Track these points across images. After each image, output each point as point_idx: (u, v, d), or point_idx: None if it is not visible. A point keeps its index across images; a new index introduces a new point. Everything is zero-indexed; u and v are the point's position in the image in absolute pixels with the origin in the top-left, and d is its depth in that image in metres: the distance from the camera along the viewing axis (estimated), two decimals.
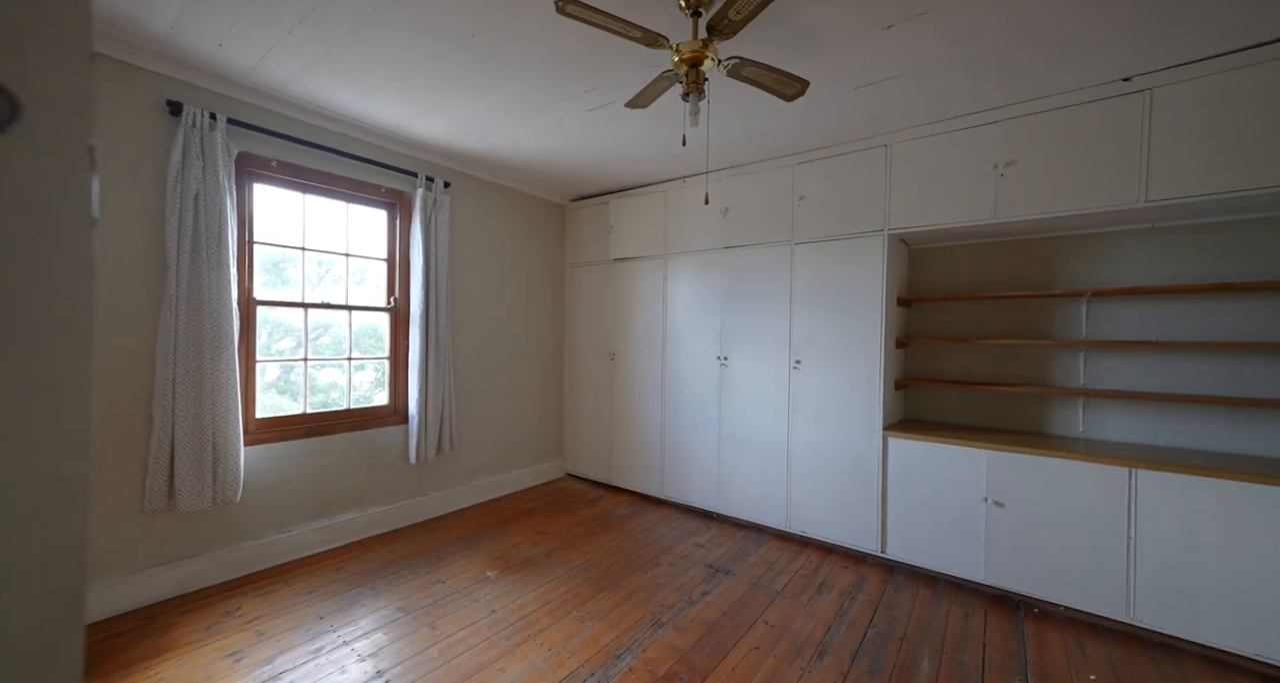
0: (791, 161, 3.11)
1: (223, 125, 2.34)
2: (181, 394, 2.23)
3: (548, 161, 3.36)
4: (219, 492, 2.34)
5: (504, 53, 2.03)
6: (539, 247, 4.14)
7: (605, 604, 2.32)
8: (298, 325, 2.80)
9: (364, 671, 1.82)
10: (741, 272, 3.33)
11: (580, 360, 4.30)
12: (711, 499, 3.46)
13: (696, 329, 3.56)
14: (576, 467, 4.32)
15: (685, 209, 3.59)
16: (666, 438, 3.71)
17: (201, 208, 2.27)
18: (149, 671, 1.78)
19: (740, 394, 3.33)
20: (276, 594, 2.32)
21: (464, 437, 3.54)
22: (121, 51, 2.07)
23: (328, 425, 2.85)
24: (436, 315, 3.23)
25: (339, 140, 2.82)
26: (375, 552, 2.79)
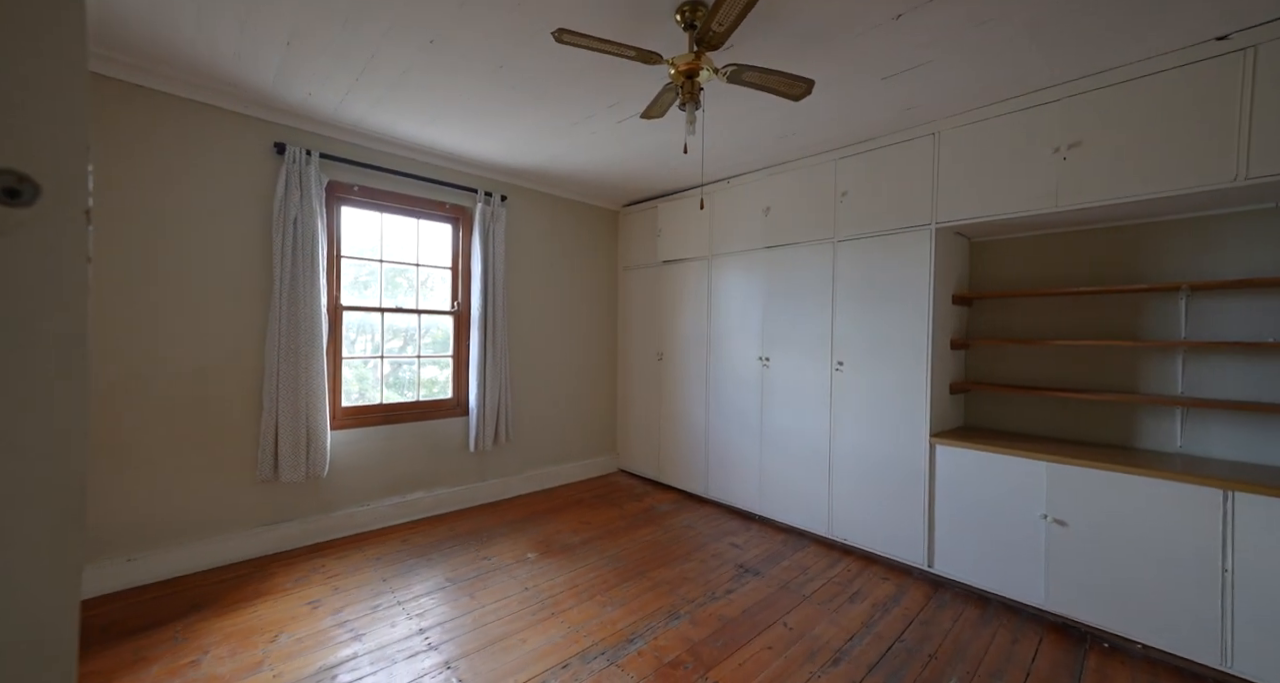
0: (833, 157, 3.02)
1: (316, 159, 2.78)
2: (283, 384, 2.69)
3: (592, 171, 3.55)
4: (310, 467, 2.78)
5: (529, 78, 2.23)
6: (592, 251, 4.36)
7: (629, 592, 2.43)
8: (376, 326, 3.22)
9: (409, 627, 2.09)
10: (783, 271, 3.28)
11: (632, 360, 4.45)
12: (753, 501, 3.44)
13: (739, 330, 3.56)
14: (628, 463, 4.47)
15: (730, 210, 3.61)
16: (710, 438, 3.74)
17: (299, 230, 2.72)
18: (251, 609, 2.19)
19: (781, 395, 3.29)
20: (351, 558, 2.71)
21: (519, 429, 3.83)
22: (238, 105, 2.55)
23: (400, 415, 3.25)
24: (493, 318, 3.55)
25: (408, 164, 3.21)
26: (437, 529, 3.14)
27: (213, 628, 2.05)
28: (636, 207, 4.38)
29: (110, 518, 2.30)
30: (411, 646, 1.97)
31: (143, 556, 2.38)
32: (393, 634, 2.05)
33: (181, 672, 1.79)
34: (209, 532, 2.55)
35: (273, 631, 2.04)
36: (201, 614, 2.14)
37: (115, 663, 1.83)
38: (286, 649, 1.93)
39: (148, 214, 2.37)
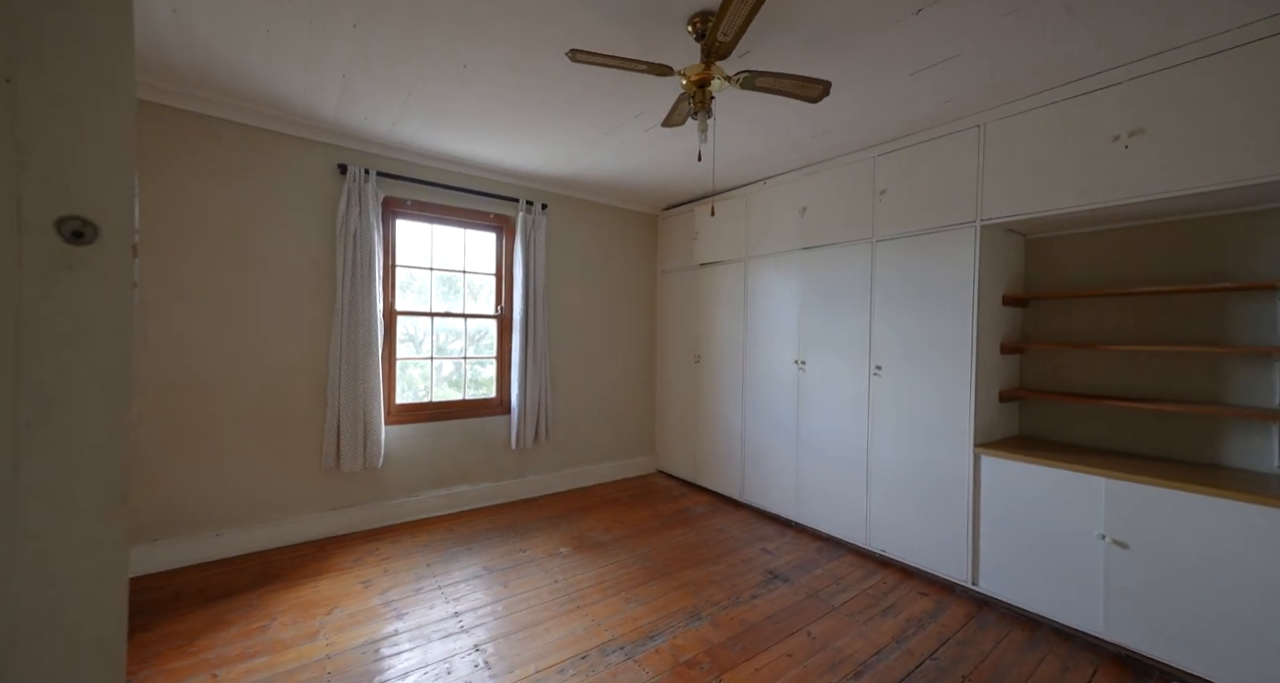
0: (870, 154, 2.92)
1: (373, 177, 3.05)
2: (344, 383, 2.96)
3: (628, 177, 3.63)
4: (367, 459, 3.05)
5: (557, 95, 2.34)
6: (631, 255, 4.44)
7: (654, 591, 2.48)
8: (427, 329, 3.47)
9: (446, 610, 2.25)
10: (819, 272, 3.21)
11: (670, 363, 4.48)
12: (789, 507, 3.38)
13: (775, 332, 3.51)
14: (666, 464, 4.51)
15: (766, 211, 3.57)
16: (746, 441, 3.71)
17: (358, 242, 2.99)
18: (313, 584, 2.44)
19: (818, 400, 3.21)
20: (402, 543, 2.94)
21: (558, 428, 3.97)
22: (306, 132, 2.85)
23: (448, 412, 3.48)
24: (534, 321, 3.71)
25: (455, 178, 3.43)
26: (479, 520, 3.33)
27: (280, 599, 2.31)
28: (674, 210, 4.42)
29: (201, 498, 2.64)
30: (446, 627, 2.13)
31: (229, 531, 2.71)
32: (431, 615, 2.21)
33: (252, 635, 2.04)
34: (282, 513, 2.86)
35: (329, 605, 2.27)
36: (272, 586, 2.42)
37: (202, 623, 2.10)
38: (339, 622, 2.14)
39: (231, 232, 2.70)
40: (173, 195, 2.55)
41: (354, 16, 1.81)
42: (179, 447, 2.59)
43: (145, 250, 2.49)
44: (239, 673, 1.81)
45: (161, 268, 2.53)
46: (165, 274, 2.54)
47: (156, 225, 2.51)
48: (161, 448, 2.55)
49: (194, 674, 1.80)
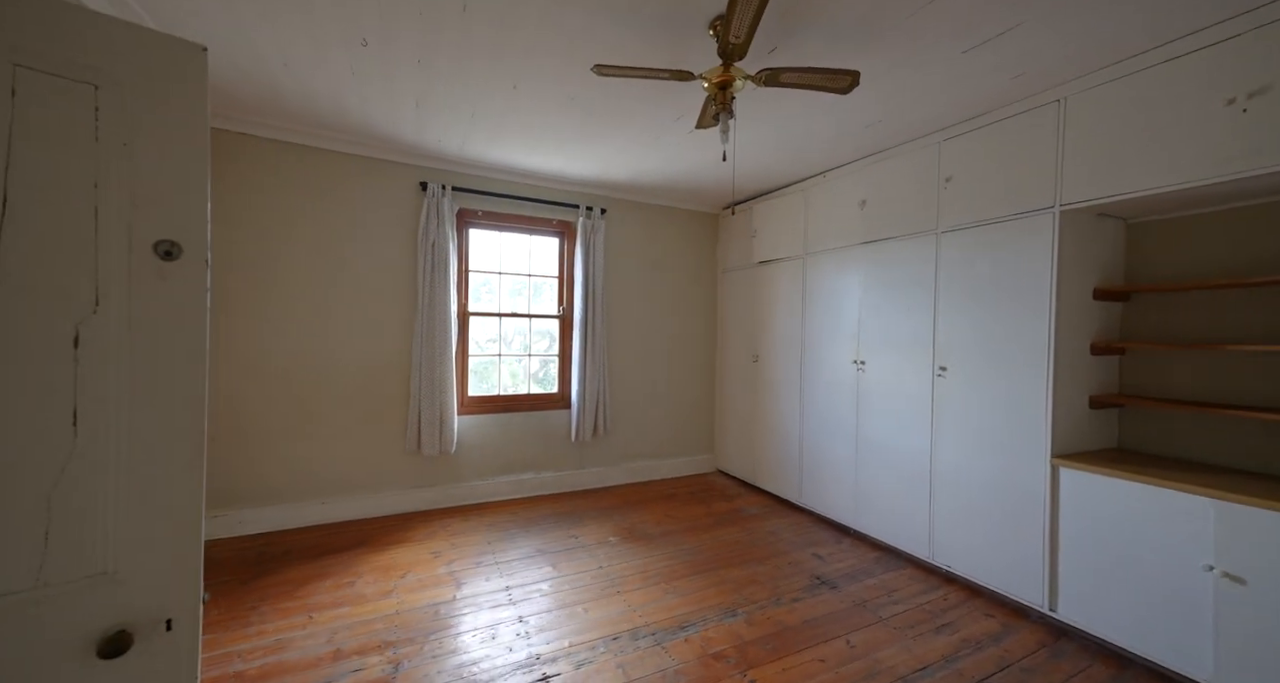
0: (935, 139, 2.72)
1: (449, 192, 3.40)
2: (424, 376, 3.34)
3: (683, 179, 3.68)
4: (443, 444, 3.40)
5: (601, 106, 2.47)
6: (691, 255, 4.48)
7: (694, 584, 2.52)
8: (496, 328, 3.79)
9: (499, 583, 2.48)
10: (880, 268, 3.05)
11: (729, 362, 4.46)
12: (847, 513, 3.24)
13: (833, 331, 3.38)
14: (725, 464, 4.50)
15: (825, 205, 3.45)
16: (804, 443, 3.60)
17: (436, 251, 3.35)
18: (389, 551, 2.80)
19: (878, 402, 3.05)
20: (471, 522, 3.24)
21: (616, 424, 4.12)
22: (393, 156, 3.25)
23: (513, 405, 3.77)
24: (593, 320, 3.89)
25: (520, 188, 3.71)
26: (540, 506, 3.57)
27: (367, 561, 2.67)
28: (735, 208, 4.39)
29: (313, 471, 3.12)
30: (497, 598, 2.34)
31: (332, 501, 3.18)
32: (485, 587, 2.44)
33: (342, 588, 2.39)
34: (374, 488, 3.29)
35: (404, 569, 2.59)
36: (362, 550, 2.80)
37: (307, 574, 2.51)
38: (409, 585, 2.44)
39: (333, 247, 3.16)
40: (288, 217, 3.04)
41: (417, 53, 2.07)
42: (297, 428, 3.08)
43: (267, 266, 3.00)
44: (328, 617, 2.15)
45: (282, 279, 3.03)
46: (285, 284, 3.04)
47: (274, 245, 3.02)
48: (284, 428, 3.05)
49: (296, 614, 2.17)
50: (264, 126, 2.90)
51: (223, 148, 2.87)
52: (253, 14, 1.85)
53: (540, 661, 1.91)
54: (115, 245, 0.81)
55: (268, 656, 1.90)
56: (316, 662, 1.87)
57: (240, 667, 1.83)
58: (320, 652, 1.92)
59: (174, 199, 0.86)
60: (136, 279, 0.83)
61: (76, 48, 0.78)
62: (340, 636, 2.03)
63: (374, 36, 1.96)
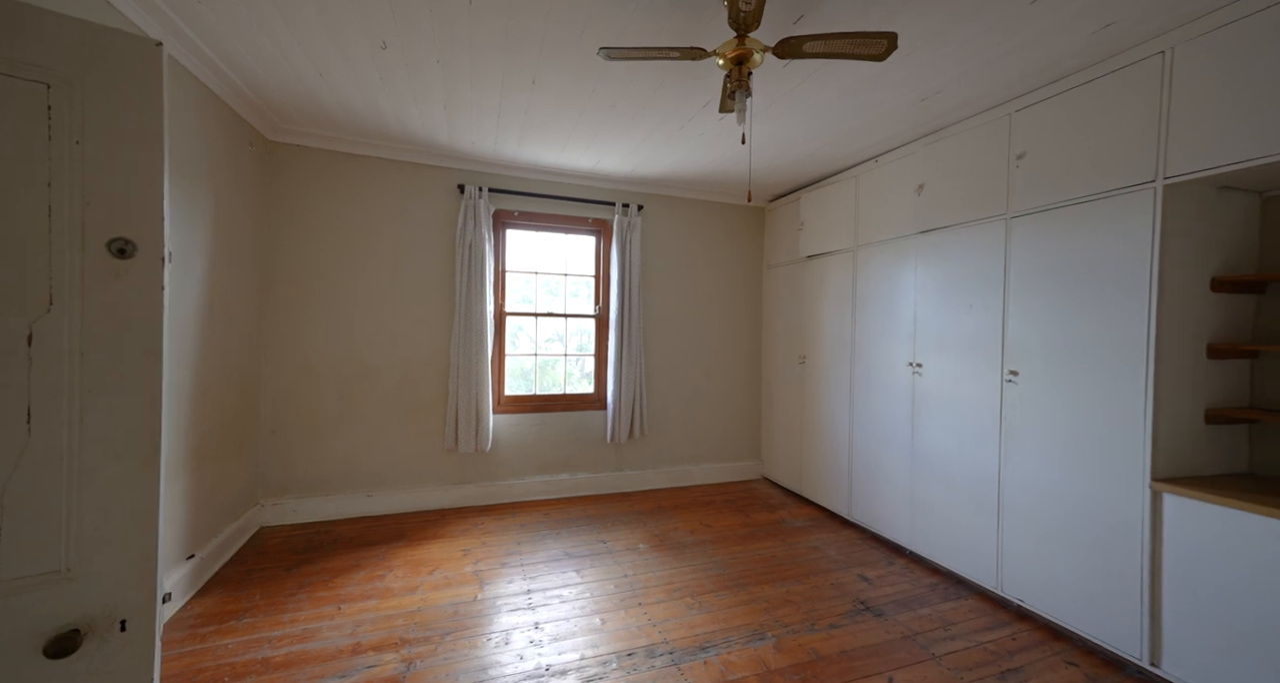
0: (1005, 111, 2.39)
1: (485, 193, 3.44)
2: (461, 375, 3.40)
3: (721, 171, 3.51)
4: (479, 442, 3.45)
5: (621, 97, 2.37)
6: (734, 251, 4.29)
7: (722, 601, 2.36)
8: (533, 328, 3.80)
9: (521, 587, 2.45)
10: (939, 258, 2.73)
11: (775, 363, 4.22)
12: (902, 532, 2.93)
13: (886, 330, 3.07)
14: (771, 471, 4.26)
15: (877, 192, 3.15)
16: (854, 452, 3.31)
17: (472, 252, 3.40)
18: (425, 546, 2.85)
19: (936, 408, 2.73)
20: (504, 521, 3.26)
21: (654, 426, 4.01)
22: (432, 159, 3.33)
23: (549, 404, 3.76)
24: (629, 319, 3.81)
25: (555, 187, 3.69)
26: (573, 508, 3.53)
27: (400, 555, 2.74)
28: (781, 200, 4.15)
29: (355, 466, 3.26)
30: (516, 602, 2.31)
31: (377, 494, 3.31)
32: (507, 589, 2.42)
33: (373, 581, 2.46)
34: (414, 484, 3.39)
35: (433, 566, 2.63)
36: (398, 544, 2.88)
37: (344, 564, 2.61)
38: (435, 582, 2.46)
39: (376, 250, 3.29)
40: (334, 223, 3.20)
41: (435, 53, 2.07)
42: (345, 423, 3.24)
43: (317, 271, 3.17)
44: (355, 609, 2.20)
45: (330, 283, 3.19)
46: (333, 287, 3.20)
47: (323, 250, 3.18)
48: (333, 424, 3.21)
49: (327, 604, 2.24)
50: (311, 136, 3.07)
51: (276, 159, 3.06)
52: (283, 28, 1.93)
53: (549, 672, 1.84)
54: (68, 244, 0.81)
55: (294, 644, 1.96)
56: (336, 654, 1.91)
57: (268, 653, 1.91)
58: (341, 644, 1.97)
59: (128, 196, 0.85)
60: (90, 277, 0.83)
61: (28, 47, 0.79)
62: (363, 629, 2.07)
63: (392, 38, 1.98)
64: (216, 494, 2.59)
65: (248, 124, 2.76)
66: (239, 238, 2.73)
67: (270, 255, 3.08)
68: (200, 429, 2.41)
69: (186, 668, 1.82)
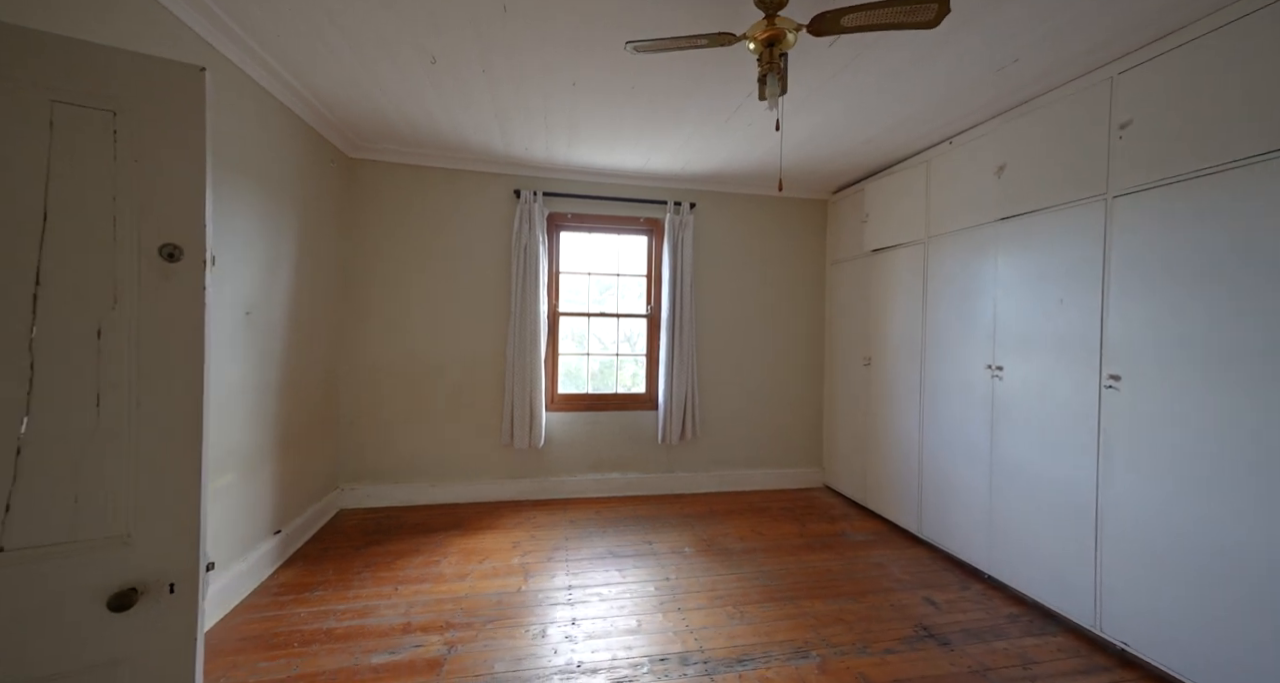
0: (1105, 74, 2.07)
1: (540, 197, 3.55)
2: (515, 373, 3.53)
3: (773, 163, 3.37)
4: (532, 438, 3.56)
5: (663, 93, 2.34)
6: (793, 247, 4.10)
7: (765, 612, 2.25)
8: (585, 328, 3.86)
9: (563, 582, 2.48)
10: (1024, 248, 2.42)
11: (838, 365, 3.98)
12: (979, 553, 2.63)
13: (961, 329, 2.78)
14: (833, 480, 4.01)
15: (951, 177, 2.87)
16: (925, 463, 3.03)
17: (527, 255, 3.53)
18: (479, 537, 2.99)
19: (1019, 417, 2.42)
20: (554, 516, 3.33)
21: (707, 428, 3.92)
22: (490, 167, 3.50)
23: (601, 404, 3.80)
24: (680, 319, 3.76)
25: (606, 188, 3.73)
26: (623, 507, 3.54)
27: (456, 543, 2.89)
28: (845, 192, 3.90)
29: (422, 457, 3.49)
30: (557, 597, 2.34)
31: (441, 484, 3.52)
32: (550, 584, 2.47)
33: (429, 566, 2.61)
34: (473, 476, 3.57)
35: (483, 556, 2.74)
36: (455, 532, 3.04)
37: (405, 548, 2.79)
38: (484, 572, 2.57)
39: (440, 255, 3.50)
40: (403, 232, 3.44)
41: (479, 63, 2.16)
42: (412, 418, 3.48)
43: (388, 276, 3.43)
44: (409, 591, 2.35)
45: (399, 287, 3.45)
46: (402, 291, 3.45)
47: (393, 257, 3.43)
48: (402, 418, 3.47)
49: (386, 584, 2.41)
50: (383, 151, 3.33)
51: (355, 174, 3.35)
52: (347, 50, 2.10)
53: (580, 669, 1.84)
54: (129, 250, 0.92)
55: (355, 618, 2.13)
56: (389, 631, 2.04)
57: (332, 624, 2.08)
58: (394, 622, 2.10)
59: (176, 206, 0.96)
60: (145, 279, 0.94)
61: (98, 80, 0.90)
62: (414, 610, 2.20)
63: (440, 52, 2.09)
64: (301, 478, 2.87)
65: (329, 143, 3.05)
66: (322, 247, 3.03)
67: (349, 262, 3.38)
68: (287, 420, 2.69)
69: (265, 631, 2.03)
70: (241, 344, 2.27)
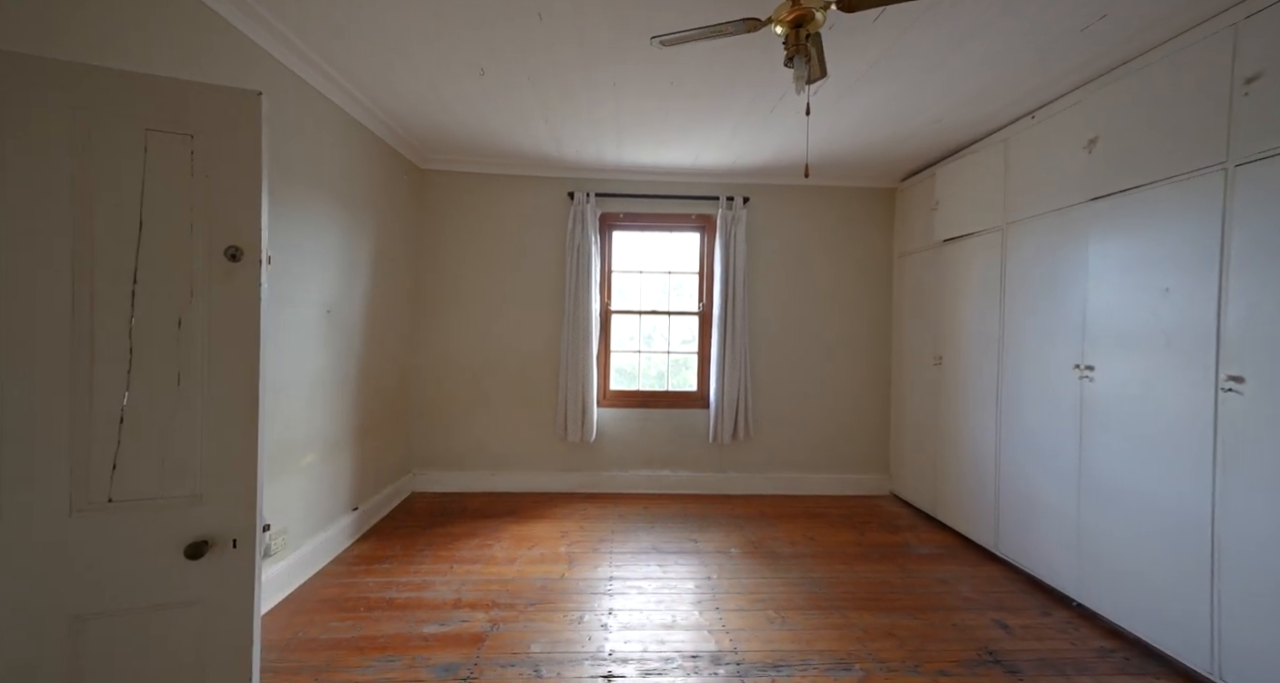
0: (1226, 21, 1.77)
1: (593, 198, 3.65)
2: (569, 369, 3.65)
3: (831, 151, 3.21)
4: (584, 433, 3.66)
5: (703, 85, 2.32)
6: (857, 239, 3.87)
7: (810, 621, 2.15)
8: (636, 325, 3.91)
9: (605, 573, 2.53)
10: (1121, 229, 2.12)
11: (907, 365, 3.70)
12: (1067, 577, 2.34)
13: (1044, 324, 2.49)
14: (901, 488, 3.74)
15: (1033, 156, 2.58)
16: (1002, 472, 2.75)
17: (580, 254, 3.63)
18: (531, 525, 3.12)
19: (1115, 424, 2.13)
20: (604, 510, 3.41)
21: (760, 429, 3.81)
22: (545, 171, 3.65)
23: (652, 401, 3.83)
24: (732, 316, 3.69)
25: (658, 186, 3.74)
26: (672, 505, 3.54)
27: (509, 530, 3.04)
28: (914, 178, 3.63)
29: (484, 447, 3.71)
30: (597, 587, 2.40)
31: (501, 473, 3.72)
32: (592, 574, 2.53)
33: (483, 547, 2.77)
34: (529, 467, 3.74)
35: (532, 543, 2.86)
36: (510, 519, 3.20)
37: (464, 531, 2.99)
38: (532, 558, 2.68)
39: (500, 257, 3.70)
40: (466, 235, 3.68)
41: (525, 71, 2.27)
42: (476, 409, 3.71)
43: (455, 276, 3.68)
44: (462, 571, 2.51)
45: (465, 286, 3.69)
46: (467, 290, 3.69)
47: (460, 259, 3.68)
48: (467, 409, 3.71)
49: (443, 562, 2.60)
50: (449, 161, 3.58)
51: (425, 184, 3.64)
52: (406, 69, 2.30)
53: (611, 658, 1.88)
54: (202, 252, 1.08)
55: (414, 591, 2.32)
56: (441, 605, 2.20)
57: (394, 594, 2.28)
58: (447, 597, 2.26)
59: (237, 212, 1.10)
60: (214, 276, 1.09)
61: (180, 109, 1.07)
62: (465, 588, 2.35)
63: (487, 64, 2.22)
64: (377, 461, 3.17)
65: (404, 158, 3.34)
66: (396, 251, 3.32)
67: (419, 264, 3.67)
68: (364, 409, 2.98)
69: (337, 595, 2.27)
70: (323, 340, 2.55)
